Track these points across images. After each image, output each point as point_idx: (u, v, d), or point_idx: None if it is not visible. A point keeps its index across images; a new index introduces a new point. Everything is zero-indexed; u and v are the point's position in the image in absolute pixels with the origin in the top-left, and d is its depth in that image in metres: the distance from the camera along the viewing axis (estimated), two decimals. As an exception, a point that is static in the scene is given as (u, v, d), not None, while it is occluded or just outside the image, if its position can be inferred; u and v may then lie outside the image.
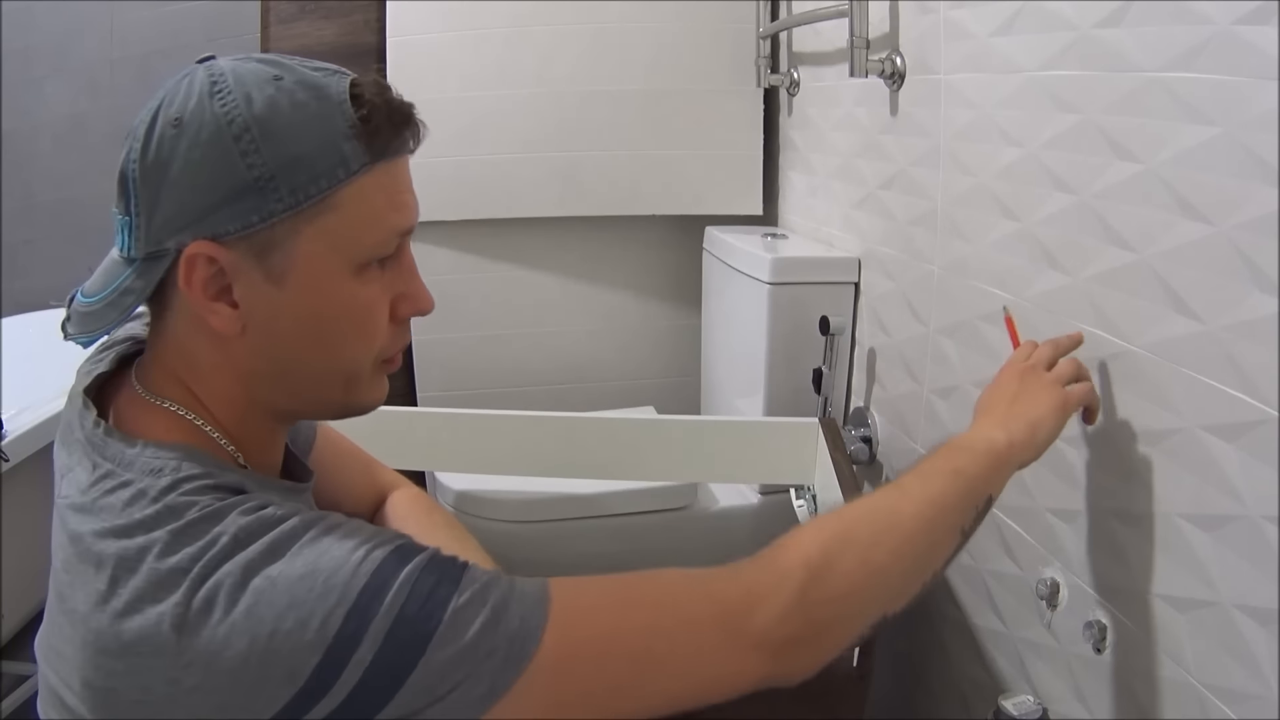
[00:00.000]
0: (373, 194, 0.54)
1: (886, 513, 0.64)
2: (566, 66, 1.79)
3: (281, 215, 0.52)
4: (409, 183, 0.58)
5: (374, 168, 0.54)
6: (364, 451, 0.90)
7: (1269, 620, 0.65)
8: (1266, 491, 0.65)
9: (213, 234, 0.52)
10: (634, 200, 1.87)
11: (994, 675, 1.07)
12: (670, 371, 2.06)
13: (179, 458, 0.53)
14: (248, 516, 0.50)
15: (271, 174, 0.51)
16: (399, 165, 0.57)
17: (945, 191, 1.14)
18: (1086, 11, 0.84)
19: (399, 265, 0.59)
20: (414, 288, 0.60)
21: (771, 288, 1.45)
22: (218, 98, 0.51)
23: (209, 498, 0.51)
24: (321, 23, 1.80)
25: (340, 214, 0.53)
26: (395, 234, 0.57)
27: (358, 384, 0.60)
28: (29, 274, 2.41)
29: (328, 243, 0.54)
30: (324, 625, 0.46)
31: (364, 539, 0.50)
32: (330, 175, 0.52)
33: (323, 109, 0.52)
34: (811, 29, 1.59)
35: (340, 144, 0.52)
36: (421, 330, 1.92)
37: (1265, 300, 0.65)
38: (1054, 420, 0.74)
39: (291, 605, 0.46)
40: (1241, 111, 0.66)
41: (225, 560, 0.48)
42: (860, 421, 1.43)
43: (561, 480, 1.51)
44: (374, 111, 0.53)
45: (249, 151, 0.51)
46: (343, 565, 0.48)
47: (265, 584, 0.47)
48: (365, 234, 0.55)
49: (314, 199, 0.52)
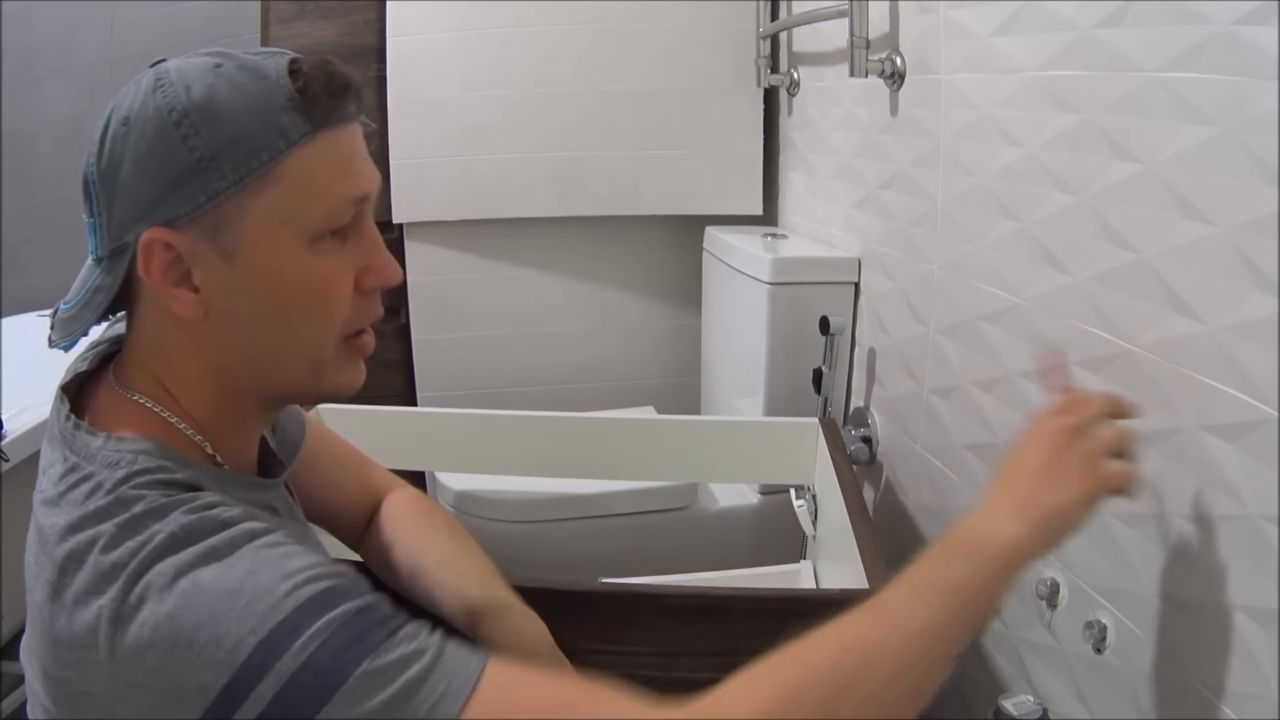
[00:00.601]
0: (316, 163, 0.55)
1: (861, 653, 0.54)
2: (566, 66, 1.79)
3: (226, 193, 0.53)
4: (360, 151, 0.58)
5: (315, 137, 0.54)
6: (359, 452, 0.88)
7: (1269, 620, 0.65)
8: (1266, 491, 0.65)
9: (165, 220, 0.53)
10: (634, 200, 1.87)
11: (994, 675, 1.07)
12: (670, 371, 2.06)
13: (137, 451, 0.53)
14: (190, 515, 0.49)
15: (213, 154, 0.52)
16: (345, 134, 0.57)
17: (945, 191, 1.14)
18: (1086, 11, 0.84)
19: (360, 237, 0.59)
20: (378, 259, 0.59)
21: (771, 288, 1.45)
22: (160, 92, 0.53)
23: (157, 493, 0.51)
24: (321, 23, 1.80)
25: (284, 185, 0.54)
26: (346, 202, 0.56)
27: (323, 364, 0.59)
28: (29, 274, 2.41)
29: (275, 216, 0.54)
30: (235, 649, 0.45)
31: (303, 567, 0.48)
32: (271, 148, 0.53)
33: (261, 87, 0.53)
34: (811, 29, 1.59)
35: (279, 117, 0.53)
36: (421, 330, 1.92)
37: (1265, 300, 0.65)
38: (1079, 513, 0.61)
39: (212, 619, 0.46)
40: (1241, 111, 0.66)
41: (160, 559, 0.47)
42: (860, 421, 1.43)
43: (561, 480, 1.51)
44: (311, 82, 0.54)
45: (189, 135, 0.52)
46: (269, 592, 0.47)
47: (192, 589, 0.46)
48: (312, 204, 0.55)
49: (256, 173, 0.53)
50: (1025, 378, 0.98)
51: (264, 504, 0.61)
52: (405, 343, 1.95)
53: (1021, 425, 0.67)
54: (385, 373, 1.96)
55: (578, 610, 0.85)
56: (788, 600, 0.84)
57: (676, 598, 0.84)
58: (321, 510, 0.84)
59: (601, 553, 1.55)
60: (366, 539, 0.83)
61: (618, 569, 1.20)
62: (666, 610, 0.84)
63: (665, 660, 0.85)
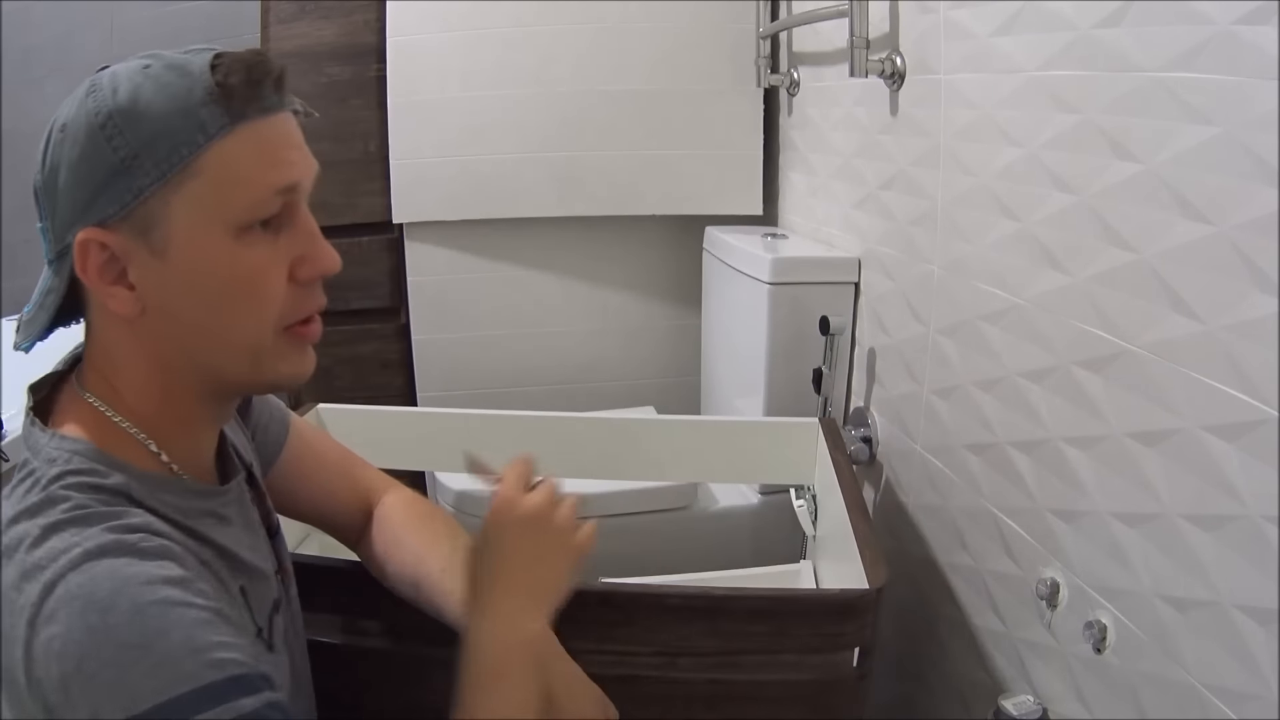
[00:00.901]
0: (237, 155, 0.55)
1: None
2: (566, 66, 1.79)
3: (150, 189, 0.53)
4: (289, 139, 0.58)
5: (235, 129, 0.55)
6: (349, 452, 0.86)
7: (1269, 620, 0.65)
8: (1266, 491, 0.65)
9: (98, 220, 0.54)
10: (634, 200, 1.87)
11: (994, 675, 1.07)
12: (670, 371, 2.06)
13: (73, 451, 0.54)
14: (110, 535, 0.50)
15: (135, 153, 0.53)
16: (270, 124, 0.57)
17: (945, 191, 1.14)
18: (1086, 11, 0.84)
19: (294, 227, 0.59)
20: (313, 248, 0.59)
21: (771, 288, 1.45)
22: (90, 97, 0.54)
23: (85, 497, 0.52)
24: (321, 23, 1.80)
25: (206, 179, 0.54)
26: (270, 191, 0.56)
27: (263, 355, 0.59)
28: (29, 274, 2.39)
29: (199, 208, 0.54)
30: (134, 702, 0.45)
31: (213, 645, 0.48)
32: (190, 143, 0.53)
33: (184, 84, 0.54)
34: (811, 29, 1.59)
35: (197, 111, 0.54)
36: (421, 330, 1.92)
37: (1265, 300, 0.65)
38: (567, 581, 0.70)
39: (115, 664, 0.46)
40: (1241, 111, 0.66)
41: (71, 570, 0.48)
42: (860, 421, 1.43)
43: (562, 480, 1.51)
44: (230, 75, 0.54)
45: (113, 136, 0.53)
46: (176, 661, 0.47)
47: (100, 627, 0.46)
48: (235, 195, 0.55)
49: (176, 168, 0.53)
50: (1025, 378, 0.98)
51: (206, 511, 0.60)
52: (405, 343, 1.95)
53: (489, 521, 0.70)
54: (385, 373, 1.96)
55: (578, 610, 0.84)
56: (788, 600, 0.84)
57: (676, 598, 0.84)
58: (312, 512, 0.83)
59: (601, 553, 1.54)
60: (363, 543, 0.82)
61: (618, 569, 1.20)
62: (666, 610, 0.84)
63: (665, 660, 0.85)
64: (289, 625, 0.69)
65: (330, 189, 1.86)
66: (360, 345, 1.94)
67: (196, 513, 0.58)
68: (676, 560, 1.33)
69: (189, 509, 0.58)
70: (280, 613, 0.66)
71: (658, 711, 0.85)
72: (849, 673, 0.86)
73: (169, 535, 0.53)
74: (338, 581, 0.87)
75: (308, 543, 1.30)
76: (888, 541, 1.34)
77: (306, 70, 1.80)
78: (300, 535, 1.29)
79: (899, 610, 1.29)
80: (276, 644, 0.63)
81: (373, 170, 1.84)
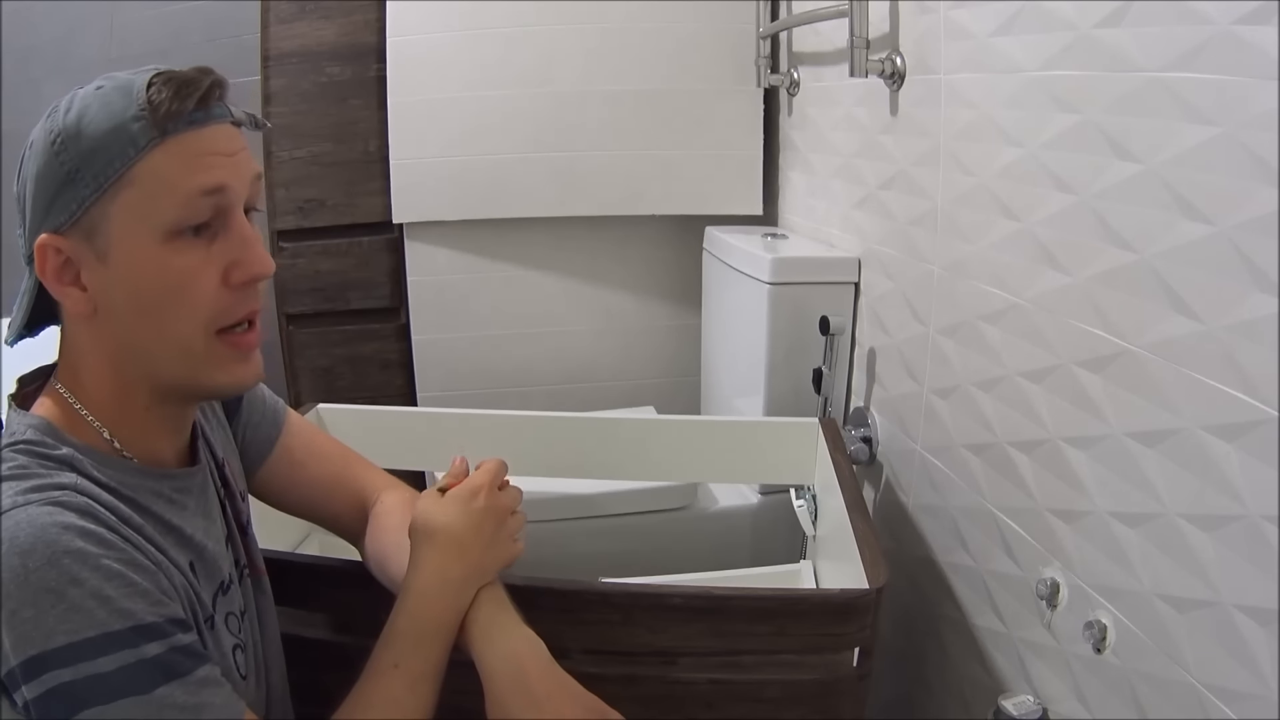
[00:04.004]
0: (165, 165, 0.59)
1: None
2: (567, 66, 1.79)
3: (91, 199, 0.59)
4: (216, 147, 0.61)
5: (164, 142, 0.59)
6: (349, 452, 0.88)
7: (1269, 620, 0.65)
8: (1266, 491, 0.65)
9: (54, 228, 0.59)
10: (634, 200, 1.87)
11: (994, 675, 1.07)
12: (670, 371, 2.06)
13: (30, 425, 0.60)
14: (38, 492, 0.55)
15: (77, 166, 0.58)
16: (199, 135, 0.61)
17: (945, 191, 1.14)
18: (1086, 11, 0.84)
19: (228, 233, 0.62)
20: (246, 255, 0.63)
21: (771, 288, 1.45)
22: (49, 118, 0.60)
23: (27, 459, 0.57)
24: (321, 23, 1.80)
25: (137, 188, 0.59)
26: (196, 196, 0.60)
27: (195, 359, 0.63)
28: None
29: (132, 216, 0.59)
30: (45, 640, 0.51)
31: (121, 595, 0.54)
32: (122, 156, 0.58)
33: (122, 102, 0.59)
34: (811, 29, 1.59)
35: (129, 127, 0.58)
36: (421, 330, 1.92)
37: (1265, 300, 0.65)
38: (499, 562, 0.73)
39: (34, 605, 0.51)
40: (1241, 111, 0.66)
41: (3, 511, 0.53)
42: (860, 421, 1.43)
43: (561, 480, 1.51)
44: (159, 90, 0.59)
45: (60, 151, 0.59)
46: (87, 610, 0.52)
47: (20, 569, 0.52)
48: (163, 202, 0.59)
49: (111, 179, 0.58)
50: (1025, 378, 0.98)
51: (153, 491, 0.63)
52: (405, 343, 1.95)
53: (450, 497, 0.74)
54: (385, 373, 1.96)
55: (578, 610, 0.85)
56: (788, 600, 0.84)
57: (676, 598, 0.84)
58: (309, 509, 0.86)
59: (601, 553, 1.55)
60: (362, 542, 0.83)
61: (618, 569, 1.20)
62: (666, 610, 0.84)
63: (665, 660, 0.85)
64: (254, 617, 0.73)
65: (330, 189, 1.87)
66: (360, 345, 1.94)
67: (144, 490, 0.62)
68: (676, 560, 1.33)
69: (136, 485, 0.62)
70: (227, 593, 0.69)
71: (658, 711, 0.85)
72: (849, 673, 0.86)
73: (98, 497, 0.57)
74: (338, 581, 0.87)
75: (308, 543, 1.30)
76: (888, 541, 1.34)
77: (306, 70, 1.81)
78: (300, 535, 1.29)
79: (899, 610, 1.29)
80: (217, 620, 0.66)
81: (373, 170, 1.84)
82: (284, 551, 0.97)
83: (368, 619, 0.71)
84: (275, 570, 0.79)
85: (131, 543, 0.57)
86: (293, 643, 0.79)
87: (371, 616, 0.70)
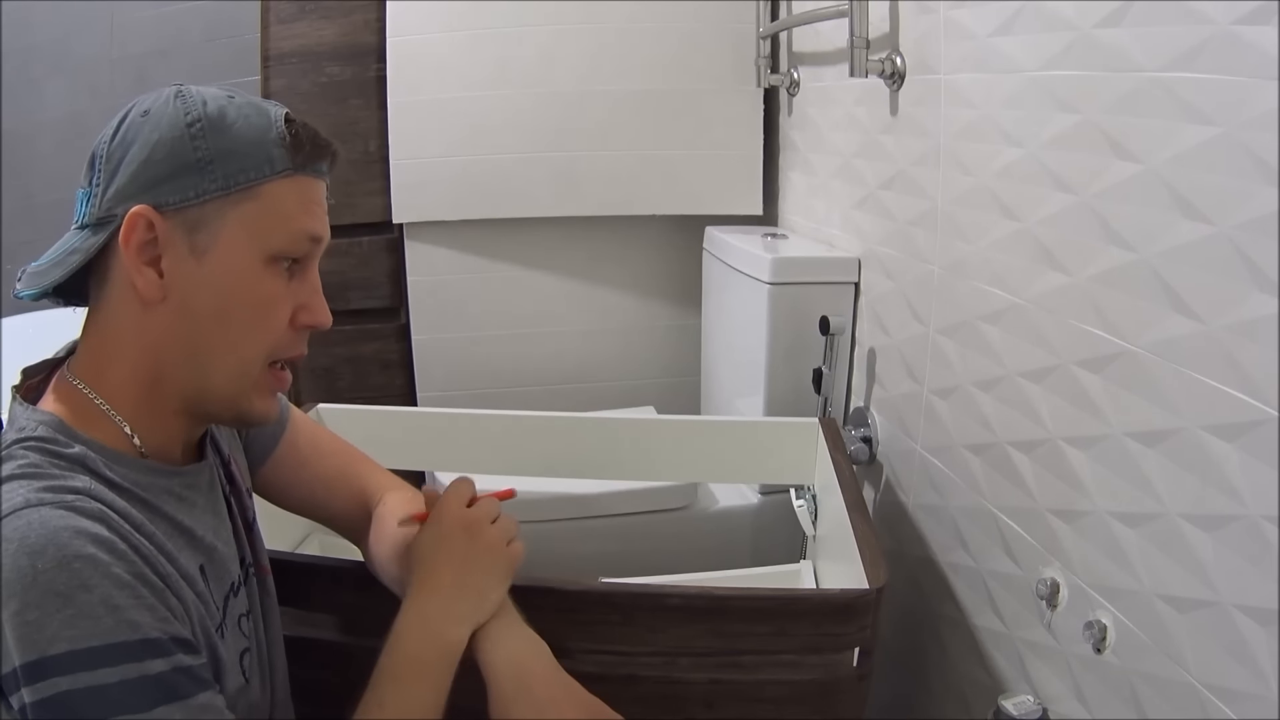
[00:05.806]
0: (289, 195, 0.63)
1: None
2: (567, 66, 1.79)
3: (213, 194, 0.60)
4: (323, 202, 0.67)
5: (294, 175, 0.63)
6: (354, 452, 0.88)
7: (1269, 620, 0.65)
8: (1266, 491, 0.65)
9: (155, 203, 0.59)
10: (634, 200, 1.87)
11: (994, 675, 1.07)
12: (670, 371, 2.06)
13: (40, 421, 0.59)
14: (51, 492, 0.53)
15: (211, 158, 0.59)
16: (315, 184, 0.65)
17: (945, 191, 1.14)
18: (1086, 11, 0.84)
19: (304, 277, 0.66)
20: (315, 301, 0.66)
21: (771, 288, 1.45)
22: (180, 99, 0.61)
23: (39, 458, 0.56)
24: (321, 23, 1.80)
25: (260, 204, 0.61)
26: (305, 236, 0.64)
27: (246, 380, 0.64)
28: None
29: (246, 228, 0.61)
30: (51, 643, 0.50)
31: (127, 606, 0.52)
32: (258, 169, 0.61)
33: (261, 121, 0.62)
34: (811, 29, 1.59)
35: (270, 148, 0.61)
36: (421, 330, 1.92)
37: (1265, 300, 0.65)
38: (500, 593, 0.72)
39: (39, 607, 0.50)
40: (1241, 111, 0.66)
41: (9, 516, 0.52)
42: (860, 421, 1.43)
43: (561, 480, 1.51)
44: (301, 132, 0.63)
45: (198, 136, 0.59)
46: (94, 617, 0.51)
47: (29, 569, 0.50)
48: (278, 227, 0.62)
49: (241, 186, 0.60)
50: (1025, 378, 0.98)
51: (165, 489, 0.62)
52: (405, 343, 1.95)
53: (426, 525, 0.74)
54: (385, 373, 1.96)
55: (578, 610, 0.85)
56: (788, 600, 0.84)
57: (676, 598, 0.84)
58: (310, 507, 0.86)
59: (601, 553, 1.55)
60: (365, 542, 0.83)
61: (618, 569, 1.20)
62: (667, 610, 0.84)
63: (665, 660, 0.85)
64: (259, 617, 0.72)
65: (331, 189, 1.86)
66: (360, 345, 1.94)
67: (156, 489, 0.61)
68: (676, 560, 1.33)
69: (148, 484, 0.61)
70: (237, 595, 0.68)
71: (658, 711, 0.85)
72: (849, 673, 0.86)
73: (112, 503, 0.56)
74: (338, 581, 0.87)
75: (308, 542, 1.30)
76: (888, 541, 1.34)
77: (307, 70, 1.80)
78: (300, 535, 1.29)
79: (899, 610, 1.29)
80: (228, 625, 0.65)
81: (373, 170, 1.84)
82: (285, 551, 0.97)
83: (369, 619, 0.71)
84: (276, 570, 0.79)
85: (142, 554, 0.55)
86: (294, 643, 0.79)
87: (373, 617, 0.70)
